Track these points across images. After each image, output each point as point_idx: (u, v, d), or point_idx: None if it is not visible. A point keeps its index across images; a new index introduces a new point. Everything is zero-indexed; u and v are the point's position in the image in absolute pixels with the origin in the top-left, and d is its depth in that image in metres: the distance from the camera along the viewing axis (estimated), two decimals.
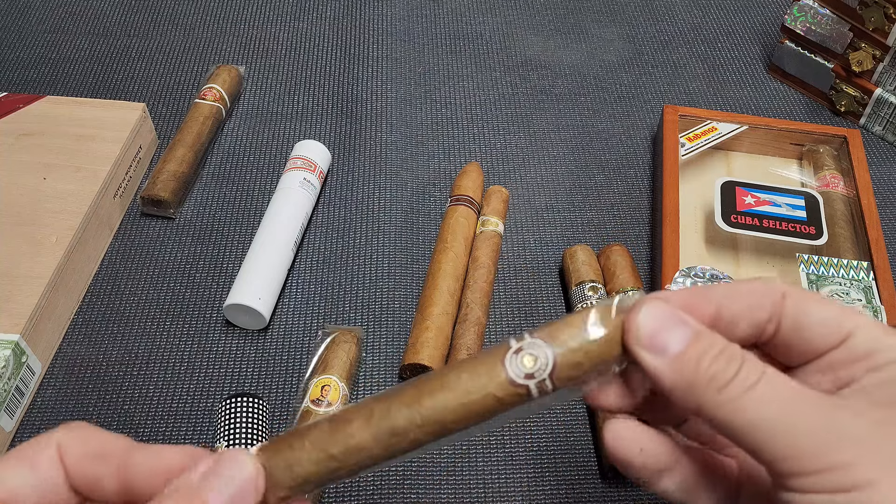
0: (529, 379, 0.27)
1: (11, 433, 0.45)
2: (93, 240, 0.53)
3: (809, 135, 0.59)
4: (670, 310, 0.28)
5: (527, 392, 0.27)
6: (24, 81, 0.67)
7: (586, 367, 0.27)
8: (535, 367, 0.27)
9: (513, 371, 0.27)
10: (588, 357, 0.27)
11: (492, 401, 0.27)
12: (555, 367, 0.27)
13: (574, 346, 0.27)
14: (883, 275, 0.50)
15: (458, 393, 0.27)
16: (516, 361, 0.27)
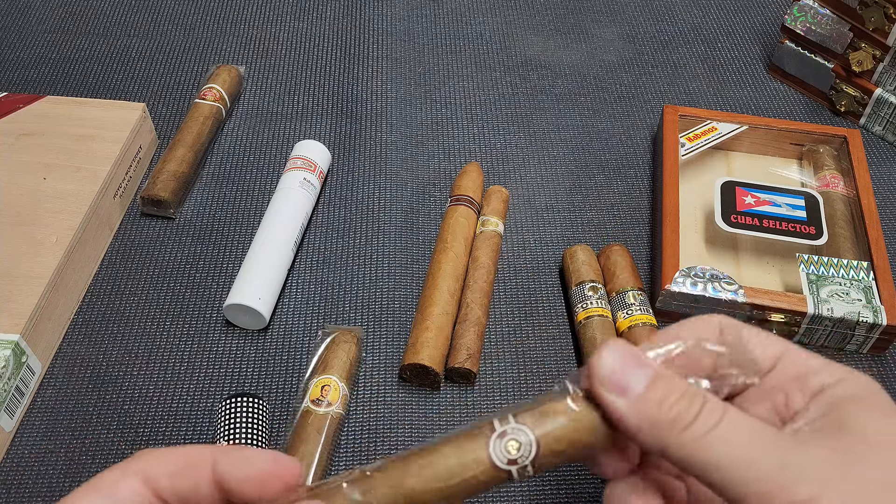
0: (512, 465, 0.27)
1: (11, 433, 0.45)
2: (93, 240, 0.53)
3: (809, 135, 0.59)
4: (631, 350, 0.28)
5: (508, 476, 0.27)
6: (24, 81, 0.67)
7: (568, 453, 0.28)
8: (519, 453, 0.27)
9: (496, 456, 0.27)
10: (571, 445, 0.28)
11: (474, 483, 0.27)
12: (537, 454, 0.27)
13: (559, 435, 0.27)
14: (883, 275, 0.50)
15: (442, 475, 0.27)
16: (500, 446, 0.27)
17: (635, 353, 0.28)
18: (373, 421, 0.47)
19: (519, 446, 0.27)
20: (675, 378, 0.28)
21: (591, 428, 0.28)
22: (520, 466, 0.27)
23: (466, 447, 0.27)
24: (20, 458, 0.45)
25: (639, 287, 0.50)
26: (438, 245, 0.53)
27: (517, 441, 0.27)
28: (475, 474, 0.27)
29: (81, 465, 0.44)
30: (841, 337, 0.49)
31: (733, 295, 0.49)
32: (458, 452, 0.27)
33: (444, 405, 0.47)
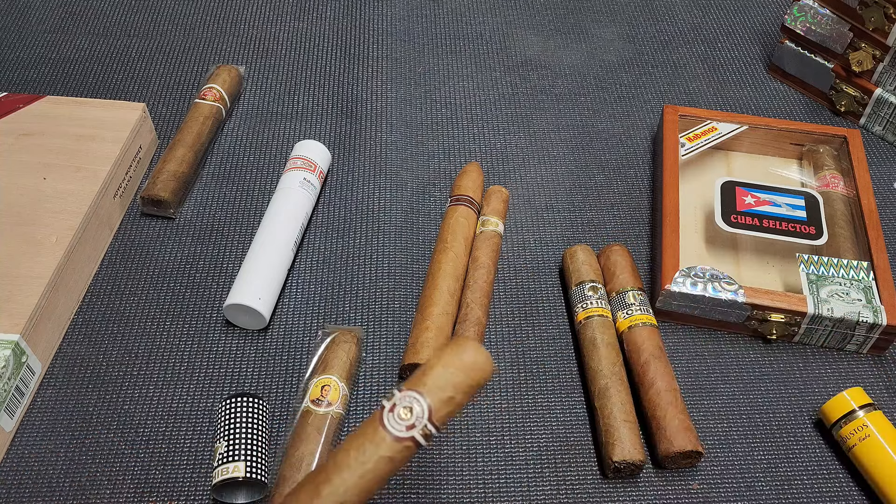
0: (411, 430, 0.27)
1: (11, 433, 0.45)
2: (93, 240, 0.53)
3: (809, 135, 0.59)
4: None
5: (414, 443, 0.28)
6: (24, 81, 0.67)
7: (459, 399, 0.28)
8: (413, 417, 0.27)
9: (394, 428, 0.27)
10: (458, 389, 0.28)
11: (386, 463, 0.28)
12: (430, 410, 0.28)
13: (441, 383, 0.28)
14: (883, 275, 0.50)
15: (352, 473, 0.27)
16: (394, 418, 0.28)
17: None
18: None
19: (410, 410, 0.28)
20: None
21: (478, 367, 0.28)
22: (420, 429, 0.28)
23: (366, 435, 0.28)
24: (20, 458, 0.45)
25: (639, 287, 0.50)
26: (438, 245, 0.53)
27: (407, 406, 0.28)
28: (383, 454, 0.27)
29: (81, 465, 0.44)
30: (841, 337, 0.49)
31: (733, 295, 0.49)
32: (360, 445, 0.28)
33: None
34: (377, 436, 0.27)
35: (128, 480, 0.44)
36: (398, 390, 0.28)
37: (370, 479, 0.27)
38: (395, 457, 0.28)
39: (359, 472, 0.27)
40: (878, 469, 0.43)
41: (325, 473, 0.28)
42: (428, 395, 0.28)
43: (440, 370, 0.28)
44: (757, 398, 0.48)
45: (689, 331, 0.52)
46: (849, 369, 0.50)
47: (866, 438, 0.43)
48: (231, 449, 0.42)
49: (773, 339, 0.50)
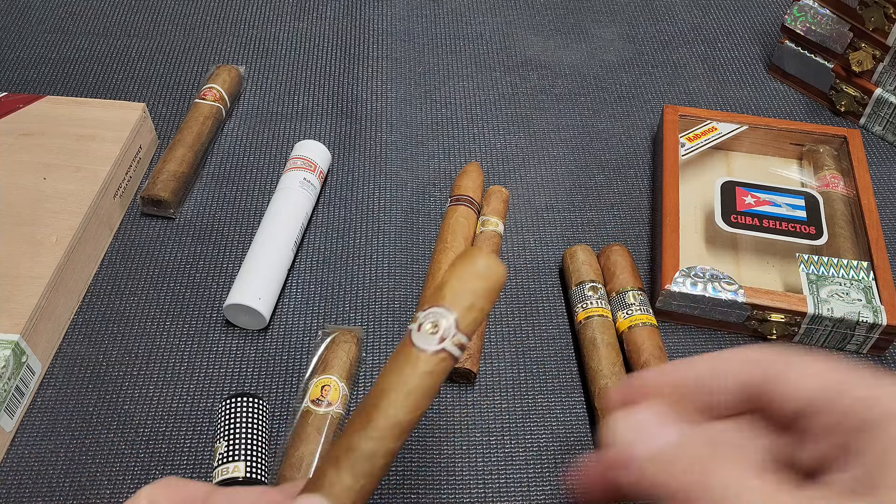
0: (443, 342, 0.28)
1: (11, 433, 0.45)
2: (93, 240, 0.53)
3: (809, 135, 0.59)
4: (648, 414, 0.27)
5: (449, 354, 0.28)
6: (24, 81, 0.67)
7: (480, 304, 0.29)
8: (441, 330, 0.28)
9: (425, 344, 0.28)
10: (477, 296, 0.29)
11: (427, 378, 0.28)
12: (456, 320, 0.28)
13: (460, 294, 0.28)
14: (883, 275, 0.50)
15: (398, 393, 0.28)
16: (422, 336, 0.28)
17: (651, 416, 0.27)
18: None
19: (436, 324, 0.28)
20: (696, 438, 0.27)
21: (493, 272, 0.29)
22: (451, 339, 0.28)
23: (401, 359, 0.28)
24: (20, 458, 0.45)
25: (639, 287, 0.50)
26: (438, 245, 0.53)
27: (432, 322, 0.28)
28: (421, 370, 0.28)
29: (81, 465, 0.44)
30: (841, 337, 0.49)
31: (733, 295, 0.49)
32: (398, 369, 0.28)
33: (444, 405, 0.47)
34: (411, 356, 0.28)
35: (128, 480, 0.44)
36: (419, 312, 0.29)
37: (417, 396, 0.28)
38: (434, 370, 0.28)
39: (404, 392, 0.28)
40: None
41: (371, 402, 0.28)
42: (450, 306, 0.28)
43: (456, 282, 0.29)
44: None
45: (689, 331, 0.52)
46: None
47: None
48: (231, 449, 0.42)
49: (773, 339, 0.50)
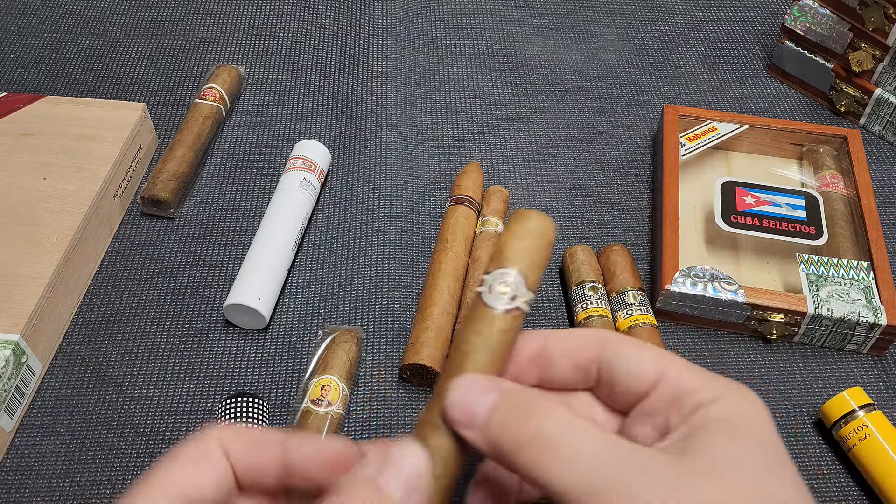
0: (514, 300, 0.29)
1: (11, 433, 0.45)
2: (93, 240, 0.53)
3: (809, 135, 0.59)
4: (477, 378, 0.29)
5: (521, 311, 0.30)
6: (24, 81, 0.67)
7: (539, 261, 0.30)
8: (511, 289, 0.29)
9: (500, 305, 0.29)
10: (536, 253, 0.30)
11: (505, 335, 0.29)
12: (523, 277, 0.30)
13: (522, 253, 0.30)
14: (883, 275, 0.50)
15: (480, 352, 0.29)
16: (494, 297, 0.29)
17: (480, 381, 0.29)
18: (372, 421, 0.47)
19: (506, 284, 0.29)
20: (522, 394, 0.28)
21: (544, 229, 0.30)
22: (523, 298, 0.30)
23: (477, 320, 0.30)
24: (20, 458, 0.45)
25: (639, 287, 0.50)
26: (438, 245, 0.53)
27: (503, 282, 0.30)
28: (499, 328, 0.29)
29: (81, 465, 0.44)
30: (841, 337, 0.49)
31: (733, 295, 0.49)
32: (476, 330, 0.29)
33: None
34: (486, 317, 0.29)
35: (128, 480, 0.44)
36: (485, 274, 0.30)
37: (497, 353, 0.30)
38: (510, 328, 0.30)
39: (486, 351, 0.29)
40: (878, 469, 0.43)
41: (456, 365, 0.30)
42: (515, 265, 0.30)
43: (515, 242, 0.30)
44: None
45: (689, 331, 0.52)
46: (849, 369, 0.50)
47: (866, 438, 0.43)
48: None
49: (773, 339, 0.50)
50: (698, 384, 0.29)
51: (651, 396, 0.30)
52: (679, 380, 0.29)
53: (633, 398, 0.30)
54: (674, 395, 0.29)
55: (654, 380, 0.30)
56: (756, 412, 0.28)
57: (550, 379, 0.32)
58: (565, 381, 0.32)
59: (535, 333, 0.32)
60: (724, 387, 0.29)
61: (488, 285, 0.30)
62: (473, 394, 0.28)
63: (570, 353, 0.31)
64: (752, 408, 0.28)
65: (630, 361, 0.30)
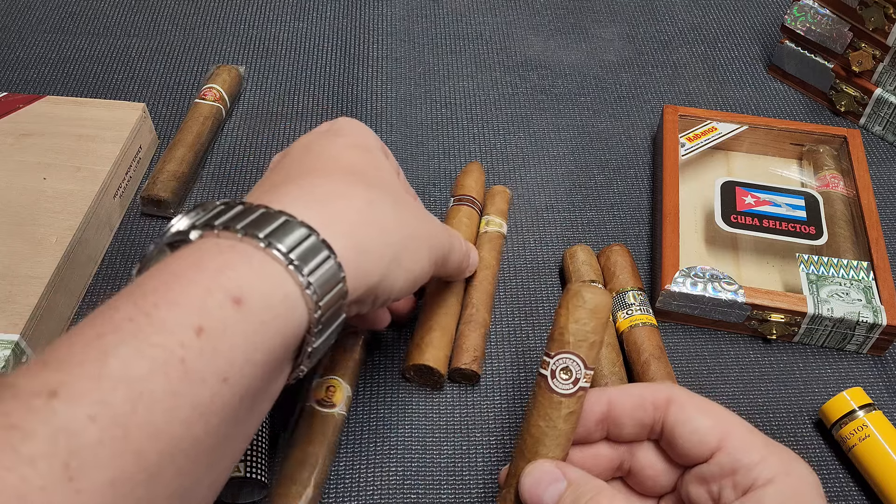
0: (577, 383, 0.32)
1: None
2: (93, 240, 0.53)
3: (809, 135, 0.59)
4: (545, 466, 0.31)
5: (584, 391, 0.32)
6: (23, 81, 0.67)
7: (597, 338, 0.32)
8: (573, 373, 0.32)
9: (564, 389, 0.32)
10: (595, 332, 0.32)
11: (572, 416, 0.32)
12: (583, 360, 0.32)
13: (581, 335, 0.32)
14: (883, 275, 0.50)
15: (552, 438, 0.32)
16: (558, 382, 0.32)
17: (547, 469, 0.31)
18: (374, 420, 0.47)
19: (568, 369, 0.32)
20: (588, 484, 0.30)
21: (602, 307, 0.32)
22: (584, 378, 0.32)
23: (545, 406, 0.32)
24: None
25: (639, 287, 0.50)
26: None
27: (564, 367, 0.32)
28: (566, 412, 0.32)
29: None
30: (841, 337, 0.49)
31: (733, 295, 0.49)
32: (546, 417, 0.32)
33: (445, 405, 0.47)
34: (553, 402, 0.32)
35: None
36: (547, 357, 0.32)
37: (564, 435, 0.32)
38: (575, 409, 0.32)
39: (553, 436, 0.32)
40: (878, 469, 0.43)
41: (530, 449, 0.32)
42: (575, 350, 0.32)
43: (574, 326, 0.32)
44: (757, 398, 0.48)
45: (689, 331, 0.52)
46: (849, 369, 0.50)
47: (866, 438, 0.43)
48: None
49: (773, 339, 0.50)
50: (757, 459, 0.30)
51: (710, 463, 0.31)
52: (738, 452, 0.30)
53: (693, 461, 0.32)
54: (731, 467, 0.30)
55: (714, 447, 0.31)
56: (811, 495, 0.29)
57: (617, 436, 0.34)
58: (631, 437, 0.34)
59: (601, 393, 0.34)
60: (781, 465, 0.30)
61: (551, 370, 0.32)
62: (543, 482, 0.31)
63: (634, 414, 0.33)
64: (808, 491, 0.29)
65: (693, 429, 0.31)
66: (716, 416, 0.31)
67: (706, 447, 0.31)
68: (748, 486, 0.29)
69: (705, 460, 0.31)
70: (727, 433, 0.31)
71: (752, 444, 0.30)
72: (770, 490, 0.29)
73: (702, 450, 0.31)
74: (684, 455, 0.32)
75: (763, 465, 0.30)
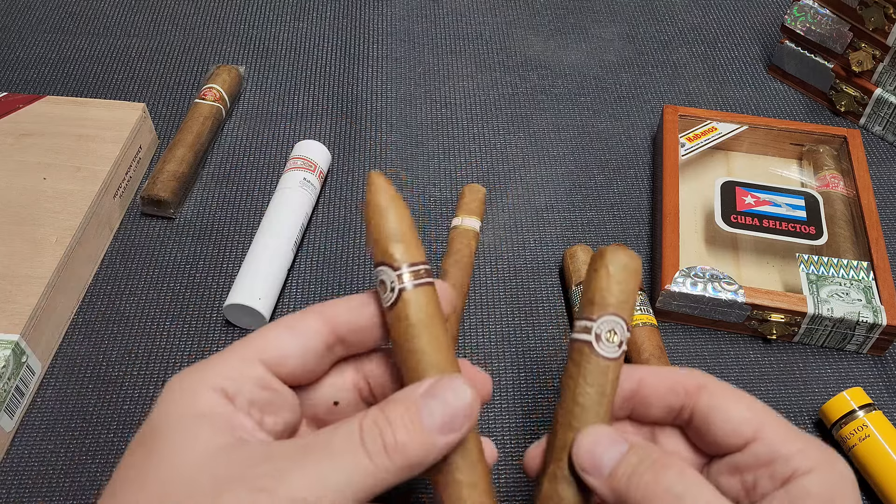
0: (622, 346, 0.31)
1: (11, 433, 0.45)
2: (93, 240, 0.53)
3: (809, 135, 0.59)
4: (605, 430, 0.30)
5: (625, 353, 0.31)
6: (23, 81, 0.67)
7: (633, 297, 0.31)
8: (618, 335, 0.30)
9: (611, 353, 0.30)
10: (632, 291, 0.31)
11: (617, 381, 0.31)
12: (626, 321, 0.31)
13: (621, 297, 0.31)
14: (883, 275, 0.50)
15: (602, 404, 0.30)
16: (606, 346, 0.30)
17: (607, 432, 0.30)
18: None
19: (612, 332, 0.30)
20: (650, 450, 0.29)
21: (631, 270, 0.31)
22: (625, 340, 0.31)
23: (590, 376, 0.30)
24: (20, 458, 0.45)
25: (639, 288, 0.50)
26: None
27: (610, 330, 0.30)
28: (614, 378, 0.30)
29: (81, 465, 0.44)
30: (841, 337, 0.49)
31: (733, 295, 0.49)
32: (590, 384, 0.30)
33: None
34: (601, 367, 0.30)
35: None
36: (589, 321, 0.31)
37: (611, 401, 0.31)
38: (619, 373, 0.31)
39: (605, 403, 0.30)
40: (878, 469, 0.43)
41: (573, 419, 0.31)
42: (619, 311, 0.31)
43: (616, 287, 0.31)
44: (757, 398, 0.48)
45: (689, 331, 0.52)
46: (849, 369, 0.50)
47: (866, 439, 0.43)
48: None
49: (773, 339, 0.50)
50: (795, 450, 0.29)
51: (744, 453, 0.30)
52: (775, 443, 0.29)
53: (723, 450, 0.31)
54: (768, 457, 0.29)
55: (749, 437, 0.30)
56: (850, 486, 0.28)
57: (642, 416, 0.33)
58: (656, 419, 0.33)
59: (632, 370, 0.32)
60: (821, 457, 0.29)
61: (595, 334, 0.31)
62: (603, 444, 0.29)
63: (665, 397, 0.32)
64: (847, 482, 0.28)
65: (727, 417, 0.30)
66: (751, 406, 0.31)
67: (740, 437, 0.30)
68: (787, 476, 0.29)
69: (738, 450, 0.30)
70: (763, 423, 0.30)
71: (790, 434, 0.30)
72: (814, 478, 0.28)
73: (736, 439, 0.30)
74: (716, 444, 0.31)
75: (802, 456, 0.29)
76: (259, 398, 0.29)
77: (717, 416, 0.30)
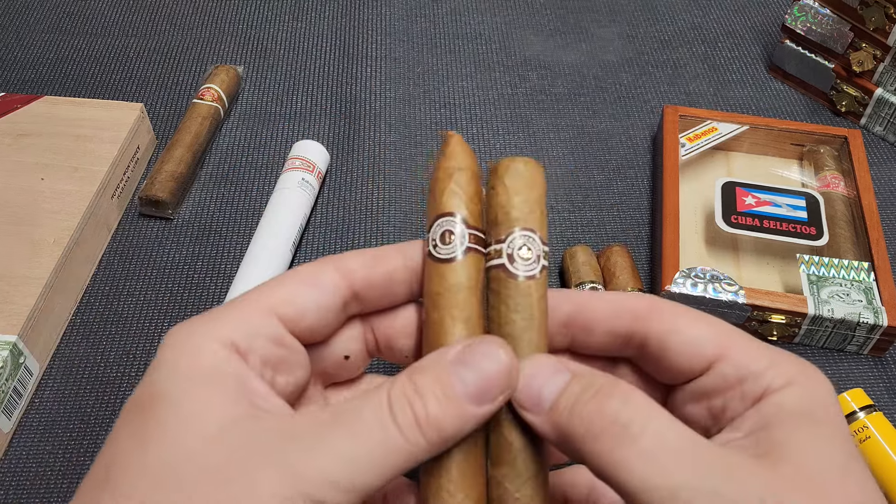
0: (539, 260, 0.27)
1: (9, 434, 0.45)
2: (91, 240, 0.53)
3: (810, 135, 0.59)
4: (542, 358, 0.26)
5: (546, 269, 0.27)
6: (21, 81, 0.67)
7: (544, 210, 0.28)
8: (535, 251, 0.27)
9: (529, 271, 0.27)
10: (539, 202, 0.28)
11: (543, 301, 0.27)
12: (538, 234, 0.27)
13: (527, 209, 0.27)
14: (883, 275, 0.50)
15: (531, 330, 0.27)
16: (521, 265, 0.27)
17: (545, 360, 0.26)
18: None
19: (523, 245, 0.27)
20: (594, 377, 0.25)
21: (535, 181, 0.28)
22: (543, 255, 0.27)
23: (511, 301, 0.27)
24: (18, 459, 0.45)
25: (639, 287, 0.50)
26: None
27: (524, 246, 0.27)
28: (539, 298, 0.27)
29: (80, 466, 0.44)
30: (841, 338, 0.49)
31: (733, 296, 0.49)
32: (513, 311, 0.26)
33: None
34: (521, 289, 0.27)
35: None
36: (498, 243, 0.27)
37: (544, 326, 0.27)
38: (545, 292, 0.27)
39: (535, 328, 0.27)
40: (878, 470, 0.43)
41: None
42: (527, 225, 0.27)
43: (518, 199, 0.27)
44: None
45: None
46: (849, 370, 0.50)
47: (867, 440, 0.43)
48: None
49: (773, 340, 0.50)
50: (765, 365, 0.25)
51: (708, 375, 0.26)
52: (743, 360, 0.26)
53: (685, 376, 0.27)
54: (736, 377, 0.26)
55: (712, 358, 0.26)
56: (830, 399, 0.25)
57: (583, 345, 0.29)
58: (600, 349, 0.29)
59: (569, 294, 0.29)
60: (795, 368, 0.25)
61: (507, 255, 0.27)
62: (541, 375, 0.25)
63: (610, 321, 0.28)
64: (826, 395, 0.25)
65: (685, 339, 0.26)
66: (711, 324, 0.27)
67: (703, 358, 0.26)
68: (759, 394, 0.25)
69: (701, 373, 0.26)
70: (727, 341, 0.26)
71: (759, 350, 0.26)
72: (788, 393, 0.25)
73: (698, 362, 0.26)
74: (675, 370, 0.27)
75: (775, 371, 0.25)
76: (272, 356, 0.27)
77: (673, 338, 0.27)
